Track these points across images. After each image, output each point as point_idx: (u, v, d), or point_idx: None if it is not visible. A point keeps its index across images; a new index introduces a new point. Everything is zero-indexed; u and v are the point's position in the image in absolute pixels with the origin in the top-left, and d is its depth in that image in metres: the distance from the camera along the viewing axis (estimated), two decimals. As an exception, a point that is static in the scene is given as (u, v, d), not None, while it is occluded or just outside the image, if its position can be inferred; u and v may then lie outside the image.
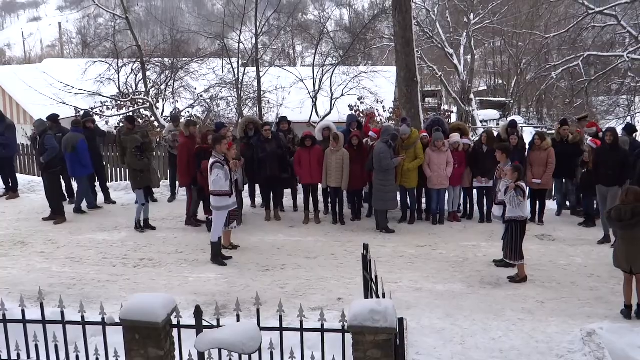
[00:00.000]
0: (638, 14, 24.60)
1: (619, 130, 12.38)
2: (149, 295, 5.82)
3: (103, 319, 5.80)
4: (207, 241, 10.52)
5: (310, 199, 12.47)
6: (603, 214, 10.64)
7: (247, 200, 13.33)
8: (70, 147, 12.72)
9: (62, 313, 5.92)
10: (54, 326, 6.05)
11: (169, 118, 18.33)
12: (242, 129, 12.96)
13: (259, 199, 13.41)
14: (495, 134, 13.10)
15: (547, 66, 30.53)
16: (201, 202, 11.87)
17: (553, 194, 13.15)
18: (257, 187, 13.28)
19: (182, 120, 14.89)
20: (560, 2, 28.58)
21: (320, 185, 12.42)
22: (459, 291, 9.10)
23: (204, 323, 5.34)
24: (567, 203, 12.87)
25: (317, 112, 23.83)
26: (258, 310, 5.67)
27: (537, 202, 12.26)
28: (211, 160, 10.02)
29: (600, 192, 11.05)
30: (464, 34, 37.40)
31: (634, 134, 12.88)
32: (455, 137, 12.25)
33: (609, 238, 10.53)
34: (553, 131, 17.54)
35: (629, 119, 25.40)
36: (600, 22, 25.62)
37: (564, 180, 12.59)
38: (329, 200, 12.57)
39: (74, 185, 13.91)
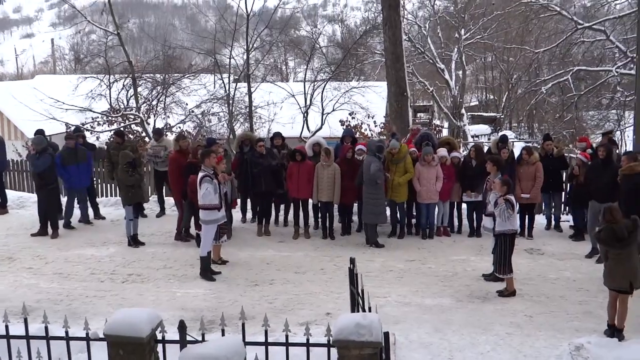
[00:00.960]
0: (627, 29, 24.82)
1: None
2: (133, 310, 5.79)
3: (87, 334, 5.76)
4: (196, 256, 10.49)
5: (301, 213, 12.47)
6: (591, 229, 10.60)
7: (237, 215, 13.31)
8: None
9: (47, 328, 5.87)
10: (38, 342, 5.99)
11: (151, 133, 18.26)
12: (238, 145, 13.01)
13: (249, 214, 13.41)
14: (486, 148, 13.15)
15: (537, 81, 30.75)
16: (192, 217, 11.83)
17: (543, 208, 13.18)
18: (249, 202, 13.29)
19: (169, 135, 14.86)
20: (549, 18, 28.83)
21: (310, 200, 12.43)
22: (447, 305, 9.08)
23: (189, 338, 5.32)
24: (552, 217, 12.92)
25: (308, 127, 23.87)
26: (243, 325, 5.65)
27: (526, 216, 12.30)
28: (200, 174, 10.02)
29: (593, 208, 10.96)
30: (455, 49, 37.70)
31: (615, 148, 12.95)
32: (442, 151, 12.29)
33: (597, 250, 10.54)
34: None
35: (618, 133, 25.57)
36: (590, 37, 25.86)
37: (551, 194, 12.65)
38: (319, 215, 12.58)
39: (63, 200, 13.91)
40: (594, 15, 25.61)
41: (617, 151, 12.84)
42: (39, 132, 13.75)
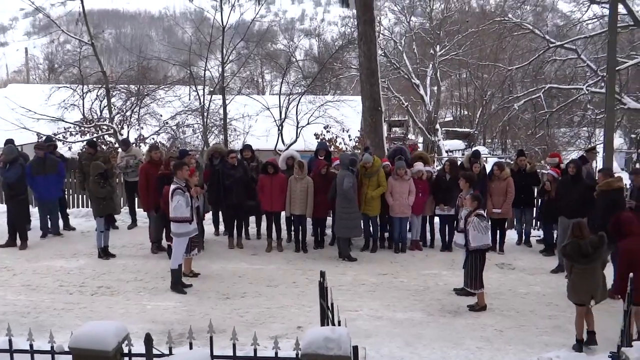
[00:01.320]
0: (597, 49, 25.26)
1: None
2: (100, 323, 5.69)
3: (52, 347, 5.65)
4: (168, 269, 10.38)
5: (273, 226, 12.43)
6: (560, 245, 10.68)
7: (209, 228, 13.23)
8: None
9: (10, 342, 5.76)
10: (1, 355, 5.87)
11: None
12: (208, 157, 12.97)
13: (221, 227, 13.33)
14: (459, 163, 13.24)
15: (511, 98, 31.14)
16: (164, 229, 11.73)
17: (514, 223, 13.29)
18: (221, 214, 13.22)
19: (142, 146, 14.79)
20: (523, 36, 29.26)
21: (283, 213, 12.40)
22: (418, 320, 9.09)
23: (156, 351, 5.24)
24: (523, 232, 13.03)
25: (283, 140, 23.88)
26: (211, 338, 5.58)
27: (498, 231, 12.39)
28: (172, 187, 9.96)
29: (563, 224, 11.01)
30: (430, 65, 38.10)
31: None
32: (418, 166, 12.35)
33: (562, 267, 10.62)
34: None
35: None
36: (562, 55, 26.28)
37: (522, 210, 12.76)
38: (292, 228, 12.55)
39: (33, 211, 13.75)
40: (566, 34, 26.02)
41: (589, 169, 12.96)
42: (9, 142, 13.57)
